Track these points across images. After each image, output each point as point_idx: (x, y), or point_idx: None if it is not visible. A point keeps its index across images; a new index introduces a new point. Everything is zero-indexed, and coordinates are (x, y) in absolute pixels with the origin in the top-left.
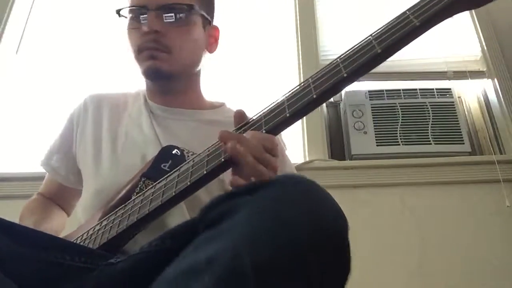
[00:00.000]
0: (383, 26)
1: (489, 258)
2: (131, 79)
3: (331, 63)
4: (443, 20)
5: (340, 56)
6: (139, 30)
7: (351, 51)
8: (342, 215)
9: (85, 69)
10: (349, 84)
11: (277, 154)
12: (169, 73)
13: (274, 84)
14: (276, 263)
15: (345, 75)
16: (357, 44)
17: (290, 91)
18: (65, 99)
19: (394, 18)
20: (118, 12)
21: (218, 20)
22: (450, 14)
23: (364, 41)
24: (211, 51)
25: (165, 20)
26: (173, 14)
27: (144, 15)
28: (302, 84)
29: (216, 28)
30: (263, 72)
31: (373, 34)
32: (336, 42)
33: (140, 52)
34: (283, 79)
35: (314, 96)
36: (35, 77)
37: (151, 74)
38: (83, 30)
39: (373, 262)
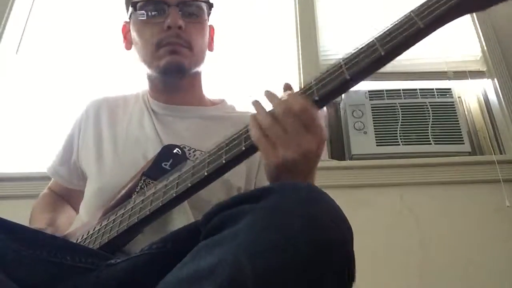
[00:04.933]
0: (387, 27)
1: (489, 258)
2: (131, 78)
3: (333, 64)
4: (448, 22)
5: (343, 57)
6: (157, 25)
7: (354, 53)
8: (347, 225)
9: (85, 69)
10: (352, 87)
11: (306, 119)
12: (188, 69)
13: (275, 83)
14: (277, 274)
15: (348, 77)
16: (360, 46)
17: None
18: (66, 99)
19: (398, 20)
20: (134, 5)
21: (219, 19)
22: (455, 17)
23: (368, 43)
24: (211, 50)
25: (184, 18)
26: (192, 12)
27: (162, 11)
28: (304, 86)
29: (212, 27)
30: (263, 71)
31: (376, 36)
32: (336, 42)
33: (160, 47)
34: (283, 79)
35: (316, 98)
36: (35, 77)
37: (172, 69)
38: (83, 30)
39: (373, 262)
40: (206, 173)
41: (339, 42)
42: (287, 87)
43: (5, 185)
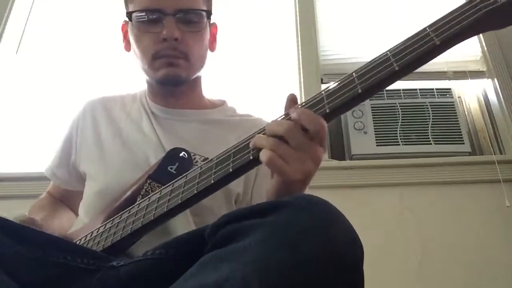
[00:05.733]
0: (402, 42)
1: (489, 258)
2: (130, 78)
3: (346, 77)
4: (465, 40)
5: (356, 70)
6: (153, 35)
7: (368, 67)
8: (358, 244)
9: (85, 69)
10: (363, 100)
11: (318, 136)
12: (186, 79)
13: (275, 84)
14: None
15: (359, 91)
16: (374, 59)
17: (302, 104)
18: (65, 99)
19: (414, 34)
20: (129, 15)
21: (219, 21)
22: (472, 34)
23: (382, 56)
24: (212, 50)
25: (182, 27)
26: (190, 20)
27: (159, 20)
28: (315, 97)
29: (215, 26)
30: (263, 72)
31: (391, 50)
32: (336, 42)
33: (157, 59)
34: (283, 79)
35: (328, 111)
36: (35, 77)
37: (169, 81)
38: (83, 30)
39: (373, 262)
40: (212, 181)
41: (339, 42)
42: (293, 100)
43: (5, 185)
